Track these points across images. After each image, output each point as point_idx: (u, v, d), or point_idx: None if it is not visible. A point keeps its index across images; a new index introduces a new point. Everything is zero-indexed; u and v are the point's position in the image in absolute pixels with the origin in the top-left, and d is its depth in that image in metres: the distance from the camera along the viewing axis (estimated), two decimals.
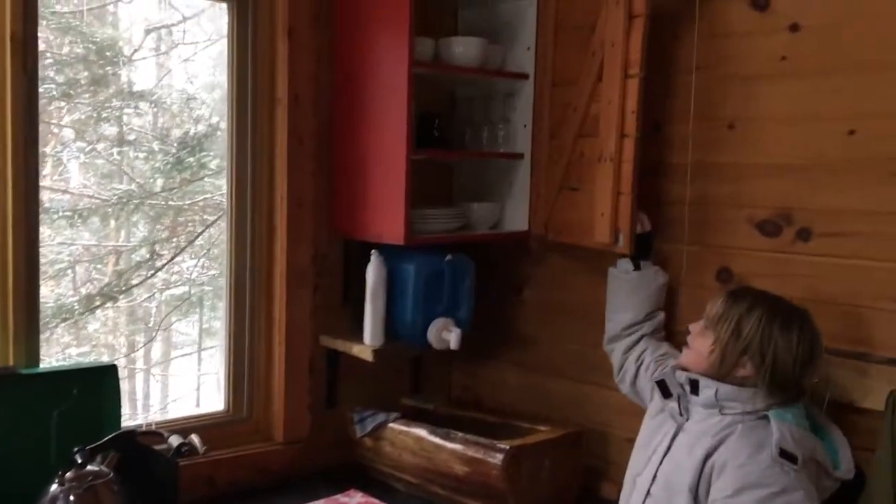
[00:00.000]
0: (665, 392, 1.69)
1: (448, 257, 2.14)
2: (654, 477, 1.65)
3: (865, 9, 1.71)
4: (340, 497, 2.08)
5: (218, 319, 3.58)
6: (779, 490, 1.48)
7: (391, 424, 2.16)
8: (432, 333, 2.13)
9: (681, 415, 1.66)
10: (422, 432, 2.09)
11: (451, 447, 2.02)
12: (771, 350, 1.55)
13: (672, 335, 1.99)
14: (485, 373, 2.48)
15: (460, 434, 2.04)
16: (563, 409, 2.26)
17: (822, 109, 1.78)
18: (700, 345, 1.64)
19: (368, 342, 2.12)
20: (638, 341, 1.94)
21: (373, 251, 2.11)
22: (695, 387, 1.63)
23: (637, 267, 1.96)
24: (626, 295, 1.96)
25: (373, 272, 2.11)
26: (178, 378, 3.92)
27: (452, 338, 2.11)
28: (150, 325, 3.31)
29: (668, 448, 1.65)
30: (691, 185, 1.98)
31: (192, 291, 3.44)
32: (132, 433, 1.80)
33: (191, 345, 3.99)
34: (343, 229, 2.22)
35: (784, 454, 1.50)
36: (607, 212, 1.95)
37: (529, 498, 1.97)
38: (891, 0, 1.68)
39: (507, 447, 1.94)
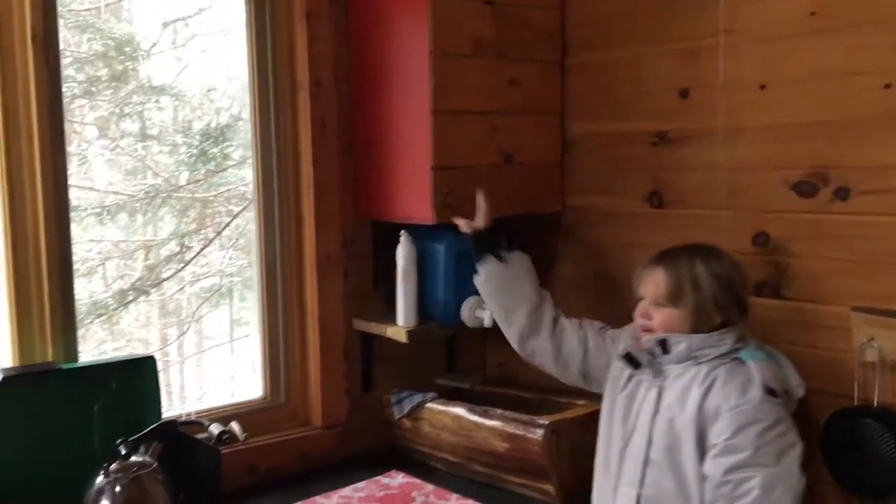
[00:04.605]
0: (634, 363, 1.72)
1: None
2: (650, 442, 1.65)
3: None
4: (382, 478, 2.08)
5: (248, 309, 3.60)
6: (772, 423, 1.56)
7: (429, 405, 2.16)
8: (465, 312, 2.12)
9: (656, 377, 1.69)
10: (460, 411, 2.09)
11: (490, 424, 2.02)
12: (728, 282, 1.66)
13: None
14: None
15: (499, 411, 2.03)
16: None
17: (856, 64, 1.73)
18: (665, 320, 1.68)
19: (402, 323, 2.12)
20: (555, 323, 1.91)
21: (402, 232, 2.10)
22: (664, 346, 1.67)
23: (500, 258, 1.93)
24: (510, 288, 1.92)
25: (403, 253, 2.10)
26: (212, 369, 3.95)
27: (486, 315, 2.10)
28: (182, 317, 3.34)
29: (656, 410, 1.66)
30: (724, 149, 1.94)
31: (222, 283, 3.46)
32: (173, 423, 1.81)
33: (222, 336, 4.02)
34: (371, 212, 2.21)
35: (769, 391, 1.59)
36: None
37: (571, 472, 1.96)
38: None
39: (547, 422, 1.93)
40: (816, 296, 1.78)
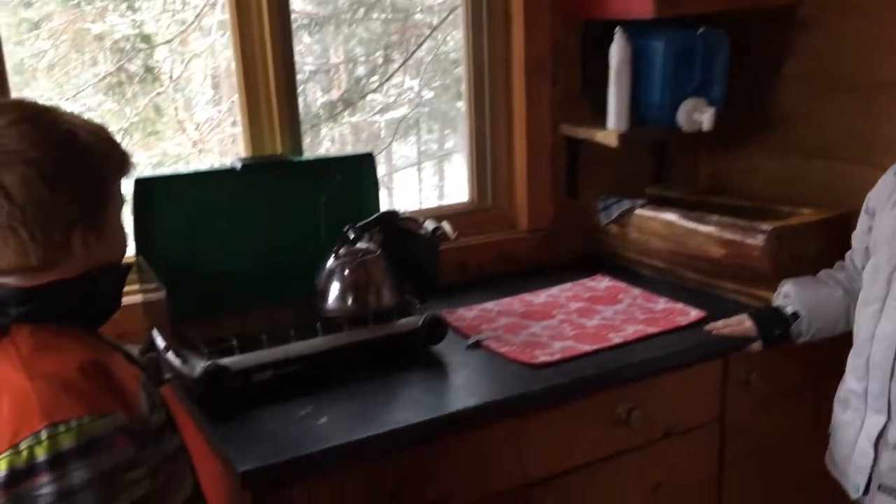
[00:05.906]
0: None
1: (700, 30, 1.98)
2: None
3: None
4: (588, 281, 2.10)
5: (434, 142, 3.65)
6: None
7: (638, 211, 2.11)
8: (682, 114, 2.01)
9: None
10: (672, 217, 2.03)
11: (705, 230, 1.95)
12: None
13: None
14: (735, 159, 2.32)
15: (715, 217, 1.95)
16: (829, 193, 2.06)
17: None
18: None
19: (612, 127, 2.05)
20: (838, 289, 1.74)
21: (617, 28, 1.99)
22: None
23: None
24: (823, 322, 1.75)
25: (617, 51, 1.99)
26: (401, 195, 4.09)
27: (705, 118, 1.99)
28: (382, 137, 3.44)
29: None
30: None
31: (410, 114, 3.51)
32: (395, 213, 1.88)
33: (410, 166, 4.13)
34: (582, 11, 2.10)
35: None
36: None
37: None
38: None
39: (770, 228, 1.83)
40: None
